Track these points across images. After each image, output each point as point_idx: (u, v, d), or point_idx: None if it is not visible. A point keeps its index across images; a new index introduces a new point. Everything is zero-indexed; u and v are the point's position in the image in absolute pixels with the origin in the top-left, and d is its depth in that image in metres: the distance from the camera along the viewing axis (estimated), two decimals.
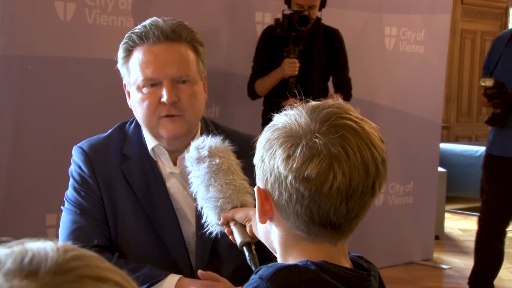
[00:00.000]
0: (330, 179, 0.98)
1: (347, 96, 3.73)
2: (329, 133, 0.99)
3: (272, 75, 3.65)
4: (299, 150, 0.99)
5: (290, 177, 0.99)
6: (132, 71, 1.75)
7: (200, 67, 1.79)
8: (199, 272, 1.64)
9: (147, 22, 1.76)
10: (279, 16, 3.68)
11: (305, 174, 0.98)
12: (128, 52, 1.76)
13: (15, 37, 3.21)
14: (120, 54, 1.78)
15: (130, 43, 1.75)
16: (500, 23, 8.20)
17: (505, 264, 5.05)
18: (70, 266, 0.59)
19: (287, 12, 3.59)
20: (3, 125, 3.20)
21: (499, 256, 4.10)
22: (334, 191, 0.98)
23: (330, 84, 3.92)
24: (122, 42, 1.78)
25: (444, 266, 4.90)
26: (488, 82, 3.88)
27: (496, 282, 4.60)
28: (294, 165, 0.99)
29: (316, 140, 0.99)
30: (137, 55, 1.73)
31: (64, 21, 3.32)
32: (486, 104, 3.97)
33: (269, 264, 1.01)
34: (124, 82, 1.82)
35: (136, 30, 1.75)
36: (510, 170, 3.94)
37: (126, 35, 1.78)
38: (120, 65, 1.79)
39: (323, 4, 3.74)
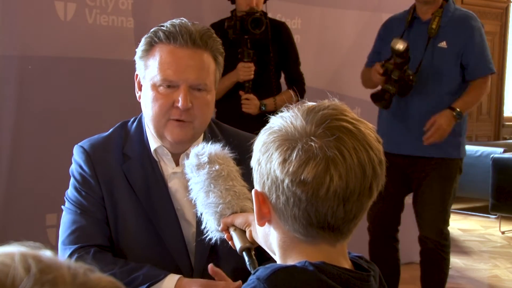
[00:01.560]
0: (327, 182, 0.97)
1: (301, 92, 3.59)
2: (324, 136, 0.99)
3: (227, 78, 3.44)
4: (295, 154, 0.99)
5: (286, 181, 0.99)
6: (150, 66, 1.74)
7: (216, 76, 1.79)
8: (210, 266, 1.62)
9: (176, 21, 1.75)
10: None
11: (302, 178, 0.98)
12: (150, 46, 1.75)
13: (15, 37, 3.21)
14: (142, 46, 1.77)
15: (155, 38, 1.74)
16: (500, 23, 8.19)
17: (505, 264, 5.07)
18: None
19: (239, 13, 3.44)
20: (3, 125, 3.21)
21: (392, 266, 3.61)
22: (331, 194, 0.98)
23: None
24: (146, 36, 1.77)
25: None
26: (401, 45, 3.32)
27: (495, 282, 4.61)
28: (291, 169, 0.99)
29: (312, 143, 0.99)
30: (160, 53, 1.73)
31: (64, 21, 3.33)
32: (379, 77, 3.44)
33: (267, 265, 1.01)
34: (136, 73, 1.81)
35: (164, 28, 1.74)
36: (398, 168, 3.47)
37: (152, 29, 1.77)
38: (138, 57, 1.78)
39: None
